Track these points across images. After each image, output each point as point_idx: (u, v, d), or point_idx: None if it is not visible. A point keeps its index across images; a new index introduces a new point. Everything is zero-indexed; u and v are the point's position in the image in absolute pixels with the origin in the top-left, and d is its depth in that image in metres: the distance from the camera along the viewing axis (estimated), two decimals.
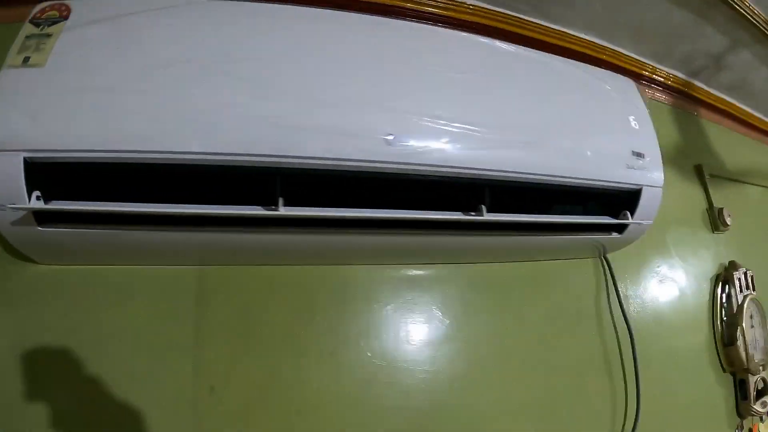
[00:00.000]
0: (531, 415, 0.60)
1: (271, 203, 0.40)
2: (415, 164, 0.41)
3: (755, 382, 0.88)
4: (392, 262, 0.56)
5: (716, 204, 0.96)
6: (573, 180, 0.54)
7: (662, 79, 0.99)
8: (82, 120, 0.39)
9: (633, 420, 0.68)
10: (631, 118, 0.63)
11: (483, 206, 0.47)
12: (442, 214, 0.44)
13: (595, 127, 0.58)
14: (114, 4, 0.42)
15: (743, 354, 0.86)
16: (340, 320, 0.51)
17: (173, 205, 0.39)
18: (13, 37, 0.40)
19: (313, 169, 0.40)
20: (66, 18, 0.42)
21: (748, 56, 0.93)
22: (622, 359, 0.73)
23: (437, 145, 0.42)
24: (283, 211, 0.40)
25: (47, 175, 0.39)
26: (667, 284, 0.85)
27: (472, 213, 0.48)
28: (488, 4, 0.78)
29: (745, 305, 0.89)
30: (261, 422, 0.45)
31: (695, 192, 0.97)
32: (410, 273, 0.57)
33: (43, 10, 0.42)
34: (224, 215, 0.39)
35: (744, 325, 0.87)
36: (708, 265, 0.92)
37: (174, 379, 0.44)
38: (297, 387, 0.48)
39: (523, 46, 0.81)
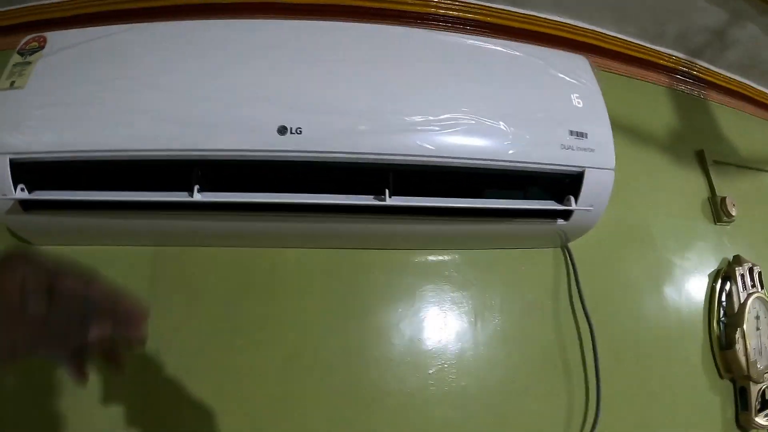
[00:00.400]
0: (475, 409, 0.63)
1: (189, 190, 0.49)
2: (304, 152, 0.47)
3: (759, 392, 0.81)
4: (322, 246, 0.63)
5: (720, 192, 0.90)
6: (489, 163, 0.56)
7: (658, 61, 0.95)
8: (51, 127, 0.50)
9: (591, 428, 0.67)
10: (575, 96, 0.63)
11: (387, 190, 0.52)
12: (340, 198, 0.50)
13: (521, 108, 0.60)
14: (77, 35, 0.54)
15: (743, 359, 0.80)
16: (269, 298, 0.59)
17: (113, 192, 0.49)
18: (5, 63, 0.53)
19: (220, 159, 0.48)
20: (42, 48, 0.54)
21: (755, 30, 0.86)
22: (583, 359, 0.72)
23: (328, 133, 0.48)
24: (198, 197, 0.48)
25: (31, 171, 0.51)
26: (650, 279, 0.82)
27: (382, 197, 0.53)
28: None
29: (748, 305, 0.83)
30: (196, 384, 0.54)
31: (694, 180, 0.92)
32: (340, 257, 0.63)
33: (27, 42, 0.54)
34: (148, 201, 0.48)
35: (745, 326, 0.81)
36: (706, 260, 0.87)
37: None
38: (229, 355, 0.56)
39: (491, 34, 0.84)
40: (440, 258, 0.69)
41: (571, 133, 0.61)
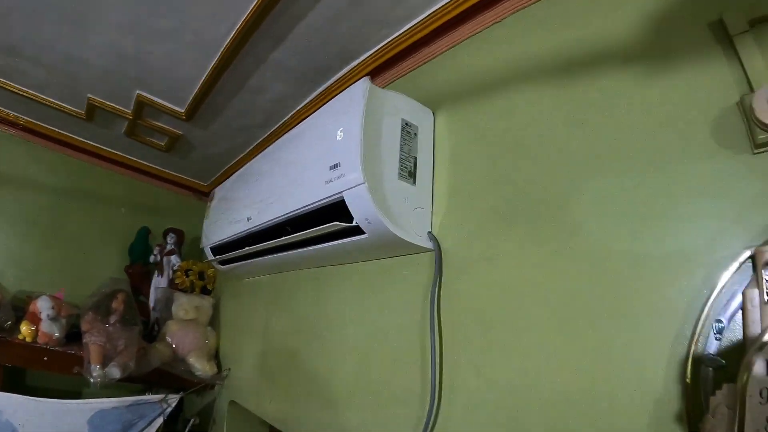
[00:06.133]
0: (350, 392, 0.98)
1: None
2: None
3: None
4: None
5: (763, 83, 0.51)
6: (298, 210, 0.95)
7: None
8: (215, 231, 1.47)
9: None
10: (340, 130, 0.85)
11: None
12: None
13: (309, 165, 0.92)
14: (223, 185, 1.49)
15: None
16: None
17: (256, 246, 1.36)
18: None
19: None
20: (213, 198, 1.53)
21: None
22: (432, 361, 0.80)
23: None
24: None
25: (218, 250, 1.50)
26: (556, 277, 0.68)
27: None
28: None
29: None
30: (288, 343, 1.28)
31: (707, 75, 0.58)
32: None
33: (210, 197, 1.55)
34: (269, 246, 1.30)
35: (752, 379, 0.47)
36: (714, 235, 0.54)
37: (257, 320, 1.42)
38: (307, 329, 1.22)
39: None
40: (353, 265, 1.07)
41: (330, 167, 0.84)
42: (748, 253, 0.50)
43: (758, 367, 0.46)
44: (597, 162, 0.67)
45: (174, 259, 1.81)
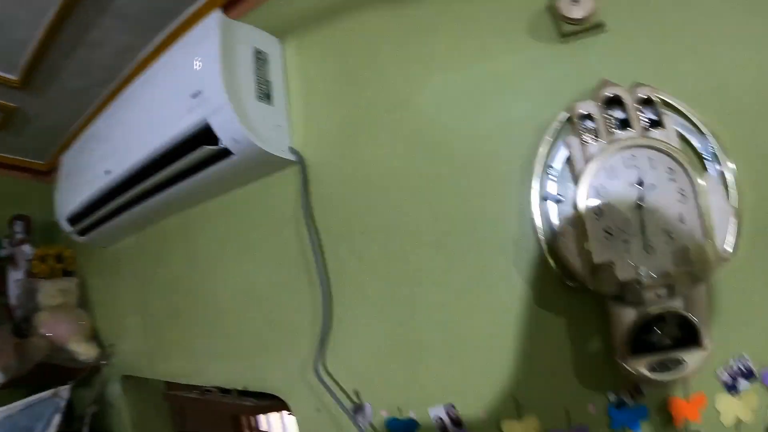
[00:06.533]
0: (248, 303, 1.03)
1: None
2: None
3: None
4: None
5: None
6: (163, 147, 0.96)
7: None
8: (69, 198, 1.35)
9: (319, 338, 0.85)
10: (197, 60, 0.88)
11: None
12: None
13: (167, 101, 0.92)
14: (72, 151, 1.39)
15: (573, 256, 0.61)
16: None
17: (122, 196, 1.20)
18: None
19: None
20: (62, 165, 1.43)
21: None
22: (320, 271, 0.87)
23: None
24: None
25: (76, 218, 1.36)
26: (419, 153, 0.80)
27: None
28: None
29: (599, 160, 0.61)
30: (169, 299, 1.23)
31: None
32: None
33: (58, 165, 1.43)
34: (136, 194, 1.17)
35: (581, 199, 0.61)
36: (536, 106, 0.69)
37: (130, 288, 1.37)
38: (185, 279, 1.19)
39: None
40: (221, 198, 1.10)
41: (191, 96, 0.87)
42: (564, 113, 0.64)
43: (590, 192, 0.60)
44: (436, 63, 0.79)
45: (26, 248, 1.62)
